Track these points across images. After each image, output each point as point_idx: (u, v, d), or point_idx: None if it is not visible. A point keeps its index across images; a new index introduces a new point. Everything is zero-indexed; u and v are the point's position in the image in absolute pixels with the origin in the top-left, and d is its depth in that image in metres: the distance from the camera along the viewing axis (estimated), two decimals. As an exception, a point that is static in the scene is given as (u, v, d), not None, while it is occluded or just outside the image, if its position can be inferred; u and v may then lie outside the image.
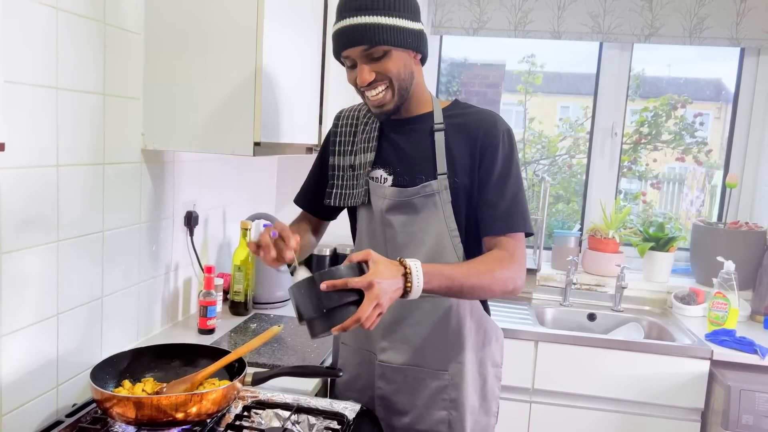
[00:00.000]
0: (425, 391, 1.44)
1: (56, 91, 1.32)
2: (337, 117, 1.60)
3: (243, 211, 2.43)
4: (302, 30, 1.91)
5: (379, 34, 1.28)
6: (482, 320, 1.47)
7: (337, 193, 1.55)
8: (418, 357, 1.45)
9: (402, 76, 1.34)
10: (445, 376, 1.43)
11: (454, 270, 1.28)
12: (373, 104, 1.37)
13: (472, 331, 1.44)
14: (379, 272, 1.14)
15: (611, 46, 2.84)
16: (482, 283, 1.30)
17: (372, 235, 1.49)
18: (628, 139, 2.99)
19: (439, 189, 1.38)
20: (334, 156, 1.57)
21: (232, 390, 1.28)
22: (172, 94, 1.63)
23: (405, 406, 1.46)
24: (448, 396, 1.43)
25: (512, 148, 1.40)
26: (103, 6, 1.46)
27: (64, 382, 1.43)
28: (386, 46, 1.29)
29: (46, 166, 1.31)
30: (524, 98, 3.08)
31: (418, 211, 1.40)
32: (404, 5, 1.30)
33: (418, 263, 1.21)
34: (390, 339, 1.46)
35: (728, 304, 2.31)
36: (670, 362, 2.18)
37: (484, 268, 1.31)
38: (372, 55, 1.30)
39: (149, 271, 1.79)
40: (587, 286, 2.77)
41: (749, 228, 2.61)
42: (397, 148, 1.44)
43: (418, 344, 1.44)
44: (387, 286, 1.14)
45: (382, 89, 1.34)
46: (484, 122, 1.39)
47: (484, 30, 2.79)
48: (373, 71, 1.32)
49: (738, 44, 2.68)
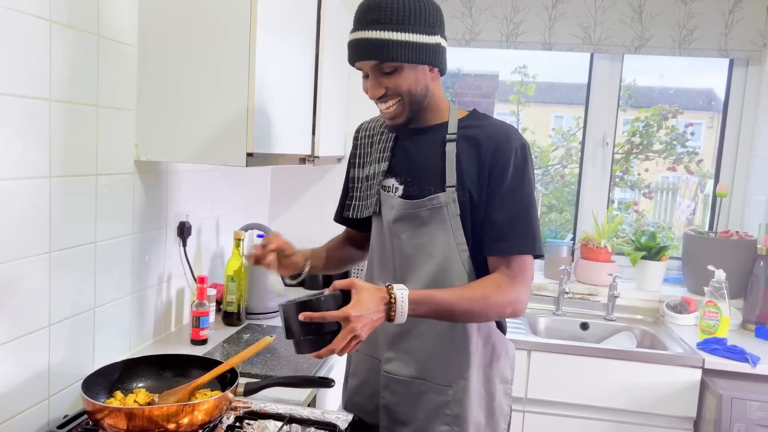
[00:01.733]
0: (427, 405, 1.40)
1: (49, 102, 1.33)
2: (357, 130, 1.60)
3: (236, 222, 2.44)
4: (295, 41, 1.92)
5: (389, 51, 1.26)
6: (490, 336, 1.42)
7: (355, 205, 1.55)
8: (421, 370, 1.41)
9: (414, 91, 1.32)
10: (448, 391, 1.39)
11: (445, 296, 1.28)
12: (384, 117, 1.37)
13: (479, 347, 1.40)
14: (360, 302, 1.18)
15: (602, 57, 2.87)
16: (475, 309, 1.30)
17: (381, 246, 1.47)
18: (620, 149, 3.02)
19: (446, 202, 1.34)
20: (354, 168, 1.57)
21: (224, 400, 1.28)
22: (165, 106, 1.64)
23: (407, 418, 1.43)
24: (451, 412, 1.38)
25: (525, 164, 1.34)
26: (97, 18, 1.47)
27: (55, 394, 1.43)
28: (396, 63, 1.28)
29: (38, 177, 1.32)
30: (517, 108, 3.10)
31: (425, 223, 1.37)
32: (418, 19, 1.27)
33: (405, 292, 1.23)
34: (395, 350, 1.44)
35: (719, 312, 2.33)
36: (662, 371, 2.18)
37: (479, 293, 1.30)
38: (383, 70, 1.29)
39: (142, 282, 1.79)
40: (580, 295, 2.78)
41: (740, 237, 2.63)
42: (409, 157, 1.42)
43: (423, 357, 1.41)
44: (365, 318, 1.18)
45: (392, 103, 1.33)
46: (496, 135, 1.35)
47: (477, 41, 2.82)
48: (384, 86, 1.30)
49: (727, 55, 2.71)
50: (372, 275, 1.52)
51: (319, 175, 2.85)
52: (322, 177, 2.85)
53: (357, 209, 1.54)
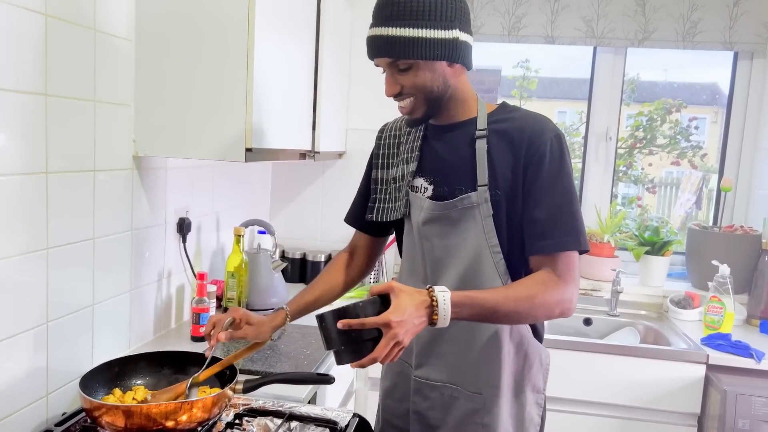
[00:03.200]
0: (458, 411, 1.36)
1: (45, 97, 1.32)
2: (380, 130, 1.55)
3: (236, 218, 2.43)
4: (294, 36, 1.91)
5: (402, 48, 1.22)
6: (523, 343, 1.35)
7: (379, 207, 1.50)
8: (452, 375, 1.37)
9: (430, 88, 1.27)
10: (478, 399, 1.34)
11: (489, 297, 1.21)
12: (402, 113, 1.33)
13: (510, 354, 1.34)
14: (400, 307, 1.12)
15: (605, 51, 2.85)
16: (521, 310, 1.23)
17: (411, 248, 1.43)
18: (623, 144, 3.00)
19: (478, 201, 1.28)
20: (377, 169, 1.51)
21: (222, 398, 1.27)
22: (163, 101, 1.62)
23: (438, 423, 1.39)
24: (481, 420, 1.34)
25: (562, 155, 1.26)
26: (93, 13, 1.46)
27: (53, 391, 1.42)
28: (410, 60, 1.23)
29: (34, 173, 1.31)
30: (519, 103, 3.08)
31: (456, 224, 1.32)
32: (433, 13, 1.21)
33: (447, 294, 1.16)
34: (426, 355, 1.40)
35: (724, 308, 2.31)
36: (666, 367, 2.17)
37: (524, 293, 1.23)
38: (398, 67, 1.25)
39: (141, 279, 1.78)
40: (583, 290, 2.76)
41: (744, 232, 2.61)
42: (438, 156, 1.36)
43: (454, 362, 1.37)
44: (407, 323, 1.11)
45: (409, 101, 1.29)
46: (530, 128, 1.28)
47: (478, 35, 2.79)
48: (399, 83, 1.27)
49: (731, 48, 2.69)
50: (402, 279, 1.47)
51: (320, 171, 2.84)
52: (323, 172, 2.84)
53: (383, 212, 1.48)
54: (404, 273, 1.47)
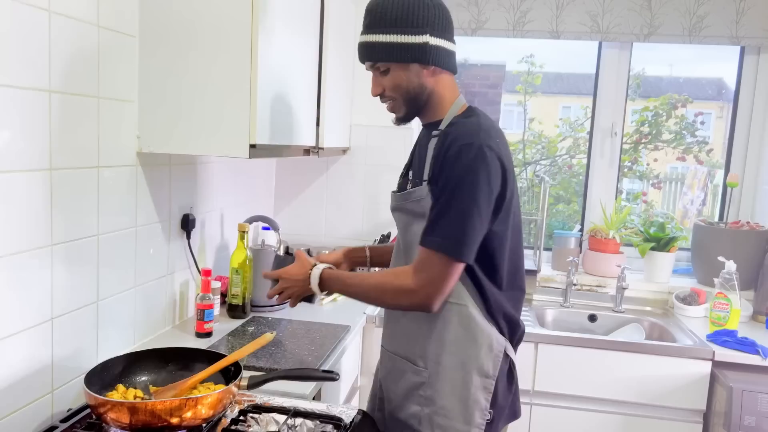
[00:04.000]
0: (405, 383, 1.46)
1: (49, 94, 1.31)
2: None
3: (241, 214, 2.43)
4: (298, 32, 1.90)
5: (378, 52, 1.38)
6: (471, 326, 1.40)
7: None
8: (404, 347, 1.48)
9: (406, 89, 1.40)
10: (423, 373, 1.43)
11: (351, 279, 1.47)
12: (388, 110, 1.48)
13: (459, 336, 1.40)
14: (290, 270, 1.52)
15: (610, 46, 2.83)
16: (371, 295, 1.44)
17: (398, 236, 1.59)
18: (629, 139, 2.98)
19: (422, 196, 1.39)
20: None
21: (227, 394, 1.27)
22: (167, 97, 1.62)
23: (390, 394, 1.51)
24: (424, 393, 1.43)
25: (473, 165, 1.29)
26: (97, 9, 1.45)
27: (59, 387, 1.43)
28: (385, 63, 1.39)
29: (39, 170, 1.30)
30: (524, 99, 3.07)
31: (412, 216, 1.44)
32: (403, 20, 1.35)
33: (320, 269, 1.47)
34: (390, 327, 1.54)
35: (730, 304, 2.30)
36: (671, 363, 2.16)
37: (377, 280, 1.43)
38: (379, 70, 1.41)
39: (146, 275, 1.78)
40: (588, 286, 2.75)
41: (751, 227, 2.60)
42: (416, 152, 1.52)
43: (407, 336, 1.47)
44: (290, 281, 1.51)
45: (390, 102, 1.45)
46: (463, 131, 1.34)
47: (483, 30, 2.78)
48: (381, 85, 1.42)
49: (738, 43, 2.67)
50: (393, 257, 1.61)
51: (324, 167, 2.84)
52: (327, 168, 2.84)
53: None
54: (394, 253, 1.58)
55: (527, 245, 3.06)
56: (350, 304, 2.27)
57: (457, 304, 1.40)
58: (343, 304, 2.37)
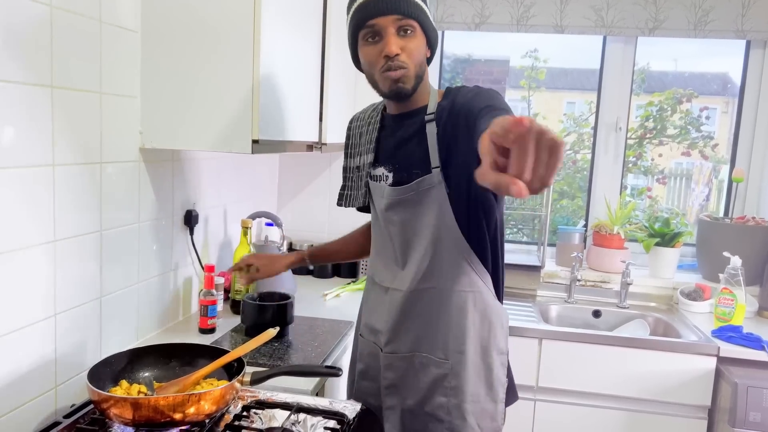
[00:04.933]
0: (427, 377, 1.44)
1: (51, 89, 1.31)
2: (350, 121, 1.65)
3: (244, 210, 2.42)
4: (301, 26, 1.89)
5: (414, 9, 1.29)
6: (487, 311, 1.43)
7: (345, 194, 1.63)
8: (420, 344, 1.45)
9: (419, 61, 1.34)
10: (446, 365, 1.42)
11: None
12: (393, 78, 1.32)
13: (476, 322, 1.42)
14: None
15: (615, 40, 2.81)
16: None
17: (379, 232, 1.53)
18: (633, 134, 2.97)
19: (433, 183, 1.36)
20: (346, 158, 1.63)
21: (230, 390, 1.26)
22: (169, 92, 1.61)
23: (411, 390, 1.47)
24: (449, 384, 1.42)
25: (493, 91, 1.32)
26: (99, 4, 1.45)
27: (62, 383, 1.43)
28: (416, 22, 1.30)
29: (41, 165, 1.30)
30: (528, 94, 3.06)
31: (416, 206, 1.40)
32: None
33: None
34: (395, 331, 1.48)
35: (735, 299, 2.29)
36: (676, 359, 2.15)
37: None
38: (401, 28, 1.30)
39: (149, 271, 1.78)
40: (592, 282, 2.74)
41: (756, 223, 2.58)
42: (396, 144, 1.44)
43: (421, 334, 1.45)
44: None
45: (402, 70, 1.31)
46: (465, 90, 1.36)
47: (486, 25, 2.77)
48: (400, 46, 1.30)
49: (744, 37, 2.65)
50: (372, 259, 1.58)
51: (327, 162, 2.83)
52: (330, 164, 2.83)
53: (347, 199, 1.63)
54: (373, 254, 1.56)
55: (531, 240, 3.06)
56: (354, 300, 2.26)
57: (471, 292, 1.42)
58: (347, 299, 2.36)
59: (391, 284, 1.48)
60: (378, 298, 1.54)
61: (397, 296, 1.46)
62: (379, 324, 1.52)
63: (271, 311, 1.83)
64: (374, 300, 1.55)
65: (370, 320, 1.56)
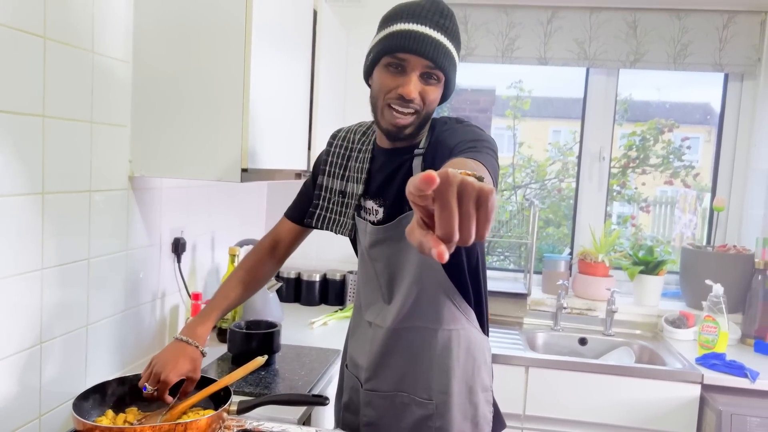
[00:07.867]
0: (410, 417, 1.41)
1: (42, 119, 1.33)
2: (332, 136, 1.56)
3: (232, 237, 2.43)
4: (290, 56, 1.93)
5: (446, 61, 1.26)
6: (471, 347, 1.41)
7: (321, 215, 1.54)
8: (403, 384, 1.42)
9: (431, 110, 1.31)
10: (429, 405, 1.39)
11: None
12: (399, 123, 1.29)
13: (460, 360, 1.39)
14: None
15: (597, 72, 2.88)
16: None
17: (364, 265, 1.49)
18: (617, 163, 3.02)
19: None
20: (324, 176, 1.54)
21: (217, 419, 1.26)
22: (159, 122, 1.63)
23: (392, 430, 1.43)
24: (434, 424, 1.38)
25: (470, 126, 1.31)
26: (92, 35, 1.47)
27: (47, 413, 1.41)
28: (443, 75, 1.27)
29: (31, 193, 1.31)
30: (513, 123, 3.11)
31: (400, 242, 1.37)
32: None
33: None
34: (375, 369, 1.45)
35: (718, 327, 2.31)
36: (661, 387, 2.17)
37: None
38: (428, 74, 1.26)
39: (136, 299, 1.77)
40: (578, 310, 2.76)
41: (737, 251, 2.63)
42: (386, 178, 1.40)
43: (403, 372, 1.42)
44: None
45: (412, 115, 1.29)
46: (446, 124, 1.35)
47: (472, 57, 2.83)
48: (419, 92, 1.27)
49: (721, 70, 2.72)
50: (358, 287, 1.54)
51: (315, 191, 2.84)
52: (318, 192, 2.84)
53: (325, 221, 1.53)
54: (360, 284, 1.52)
55: (518, 268, 3.08)
56: (341, 328, 2.26)
57: (455, 330, 1.39)
58: (334, 328, 2.36)
59: (374, 319, 1.45)
60: (362, 331, 1.51)
61: (379, 333, 1.43)
62: (360, 359, 1.49)
63: (258, 339, 1.82)
64: (359, 333, 1.52)
65: (354, 353, 1.53)
